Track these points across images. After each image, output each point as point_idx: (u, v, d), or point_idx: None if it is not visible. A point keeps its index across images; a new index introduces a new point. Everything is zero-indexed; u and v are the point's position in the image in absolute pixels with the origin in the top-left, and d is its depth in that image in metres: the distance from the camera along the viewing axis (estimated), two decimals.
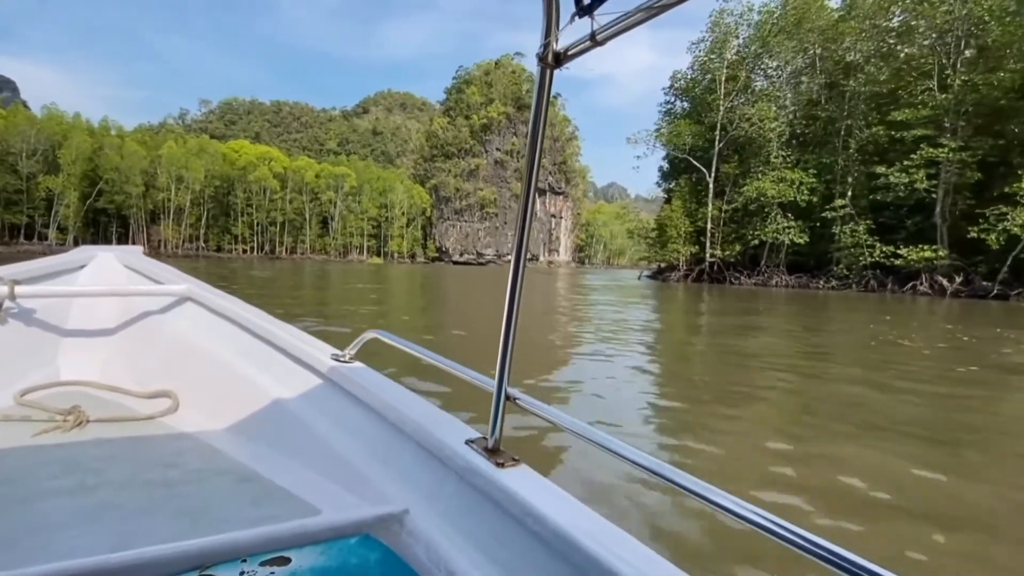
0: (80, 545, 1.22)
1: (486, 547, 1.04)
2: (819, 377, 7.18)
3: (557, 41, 0.94)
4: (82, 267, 2.69)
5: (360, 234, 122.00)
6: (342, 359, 1.76)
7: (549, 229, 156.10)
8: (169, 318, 2.50)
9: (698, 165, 46.64)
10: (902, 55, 36.54)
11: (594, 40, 0.85)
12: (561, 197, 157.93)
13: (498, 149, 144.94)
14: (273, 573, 1.00)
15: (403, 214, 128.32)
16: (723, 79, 45.05)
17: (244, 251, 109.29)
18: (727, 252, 43.75)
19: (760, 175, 41.76)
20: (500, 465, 1.07)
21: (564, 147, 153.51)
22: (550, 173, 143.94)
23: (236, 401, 1.96)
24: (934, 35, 34.64)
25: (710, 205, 45.20)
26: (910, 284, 34.42)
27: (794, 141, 42.76)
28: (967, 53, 33.99)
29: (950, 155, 32.46)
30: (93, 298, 2.54)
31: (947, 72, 34.79)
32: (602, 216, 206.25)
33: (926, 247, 33.72)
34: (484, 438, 1.17)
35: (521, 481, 1.02)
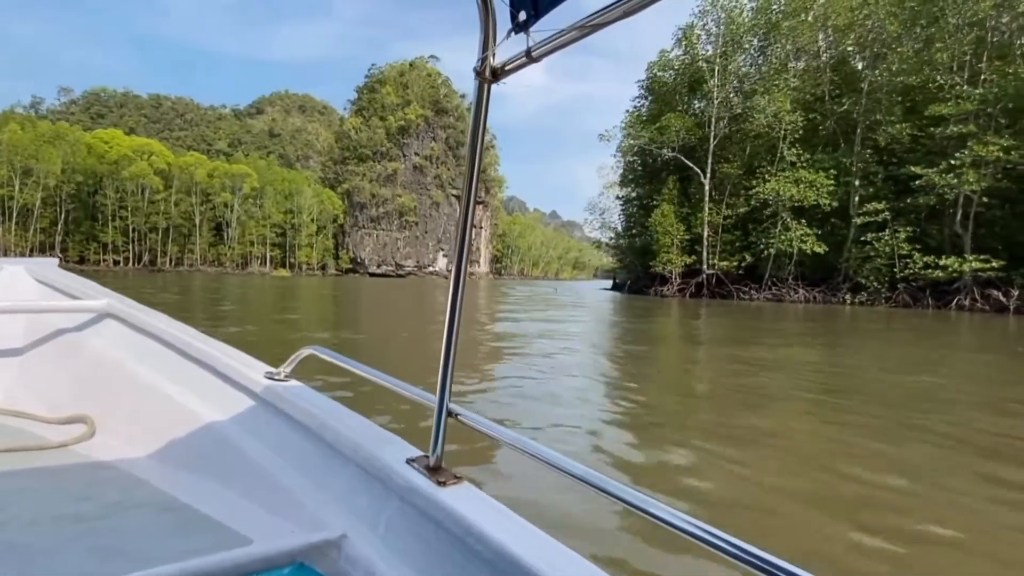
0: None
1: (427, 570, 1.01)
2: None
3: (494, 56, 0.95)
4: None
5: (262, 243, 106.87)
6: (277, 377, 1.63)
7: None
8: (86, 336, 2.29)
9: (690, 164, 41.08)
10: (924, 42, 32.93)
11: (530, 56, 0.87)
12: (481, 207, 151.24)
13: (417, 154, 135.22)
14: None
15: (312, 220, 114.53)
16: (718, 69, 39.96)
17: (116, 262, 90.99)
18: (730, 263, 38.34)
19: (768, 175, 36.77)
20: (442, 484, 1.04)
21: (484, 155, 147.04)
22: None
23: (160, 425, 1.81)
24: (965, 27, 31.33)
25: (706, 210, 39.73)
26: (954, 299, 30.49)
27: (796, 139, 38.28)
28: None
29: (1000, 154, 28.89)
30: None
31: (979, 65, 31.65)
32: (517, 227, 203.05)
33: (971, 257, 29.96)
34: (425, 456, 1.13)
35: (463, 500, 0.99)
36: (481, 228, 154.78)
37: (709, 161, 40.03)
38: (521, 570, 0.82)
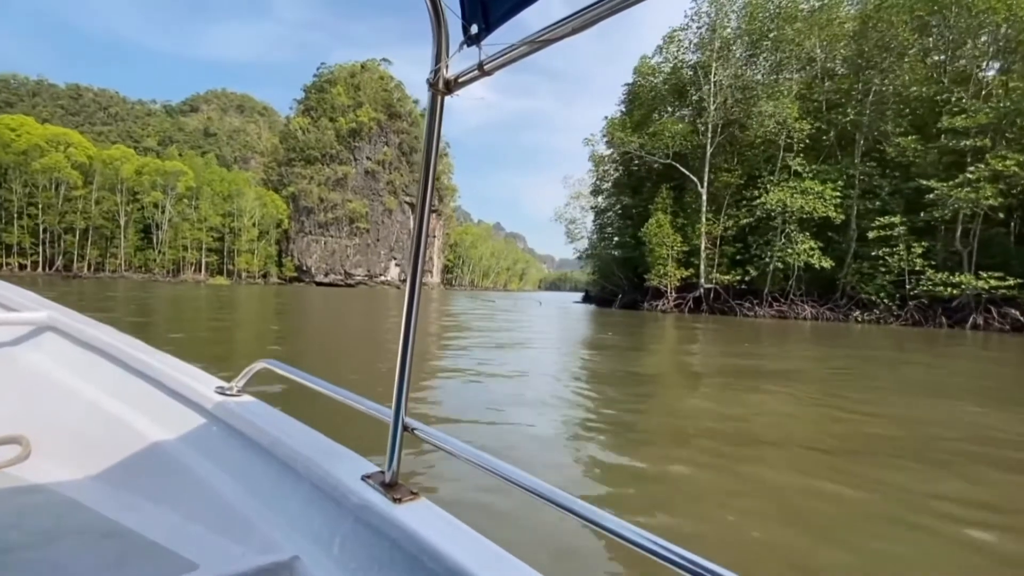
0: None
1: None
2: None
3: (448, 68, 0.95)
4: None
5: (197, 248, 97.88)
6: (229, 392, 1.58)
7: None
8: (24, 351, 2.15)
9: (686, 171, 38.61)
10: (930, 58, 31.84)
11: (482, 70, 0.88)
12: (435, 215, 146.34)
13: (368, 158, 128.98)
14: None
15: (254, 225, 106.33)
16: (715, 72, 37.78)
17: (22, 266, 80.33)
18: (732, 276, 35.91)
19: (770, 185, 34.69)
20: (397, 500, 1.02)
21: (437, 164, 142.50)
22: None
23: (102, 445, 1.71)
24: (970, 39, 30.37)
25: (703, 220, 37.27)
26: (966, 316, 29.00)
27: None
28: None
29: (1016, 169, 27.72)
30: None
31: (984, 77, 30.73)
32: (469, 237, 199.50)
33: (986, 274, 28.59)
34: (381, 472, 1.10)
35: (418, 516, 0.98)
36: (434, 237, 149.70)
37: (706, 169, 37.69)
38: None
